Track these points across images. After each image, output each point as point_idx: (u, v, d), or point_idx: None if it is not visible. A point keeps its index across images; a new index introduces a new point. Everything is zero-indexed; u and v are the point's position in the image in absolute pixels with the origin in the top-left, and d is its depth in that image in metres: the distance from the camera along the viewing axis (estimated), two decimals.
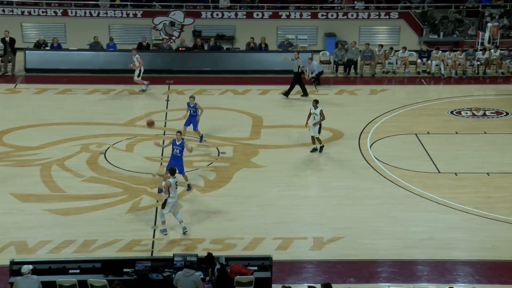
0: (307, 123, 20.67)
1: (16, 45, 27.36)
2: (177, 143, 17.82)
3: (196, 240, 16.06)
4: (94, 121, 22.87)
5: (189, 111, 20.65)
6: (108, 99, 25.11)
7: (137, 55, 25.37)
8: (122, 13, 30.33)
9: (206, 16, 30.84)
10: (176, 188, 16.23)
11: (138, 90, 25.77)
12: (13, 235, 16.01)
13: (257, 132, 22.32)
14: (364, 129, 22.75)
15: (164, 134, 22.08)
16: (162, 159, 20.26)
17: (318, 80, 27.12)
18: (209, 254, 13.74)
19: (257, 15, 30.96)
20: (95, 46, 28.64)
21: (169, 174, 16.45)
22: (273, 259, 14.15)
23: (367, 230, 16.66)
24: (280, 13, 31.10)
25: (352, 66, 28.59)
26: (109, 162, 19.95)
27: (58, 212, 17.18)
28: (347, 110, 24.61)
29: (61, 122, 22.43)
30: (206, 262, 13.68)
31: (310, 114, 20.51)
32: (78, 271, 13.72)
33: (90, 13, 30.14)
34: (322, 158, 20.57)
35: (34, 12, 29.74)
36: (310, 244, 16.04)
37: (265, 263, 14.07)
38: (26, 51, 27.51)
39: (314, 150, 20.71)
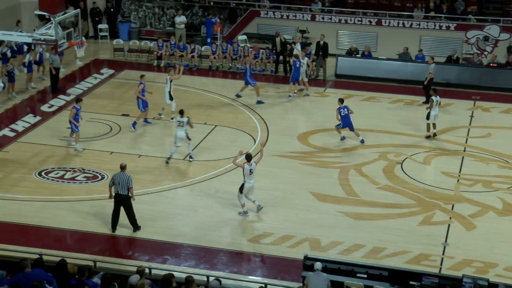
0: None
1: (330, 51, 28.61)
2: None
3: (489, 264, 15.48)
4: (394, 130, 23.12)
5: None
6: (410, 110, 25.17)
7: None
8: (435, 25, 30.09)
9: None
10: (251, 174, 17.04)
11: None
12: (308, 232, 16.90)
13: None
14: None
15: (464, 150, 21.55)
16: (459, 175, 19.84)
17: None
18: None
19: None
20: (404, 56, 28.88)
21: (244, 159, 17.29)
22: None
23: None
24: None
25: None
26: (405, 173, 20.03)
27: (351, 215, 17.74)
28: None
29: (363, 128, 23.04)
30: None
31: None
32: (365, 276, 14.03)
33: (403, 23, 30.42)
34: None
35: (350, 20, 30.86)
36: None
37: None
38: (338, 57, 28.69)
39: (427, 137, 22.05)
